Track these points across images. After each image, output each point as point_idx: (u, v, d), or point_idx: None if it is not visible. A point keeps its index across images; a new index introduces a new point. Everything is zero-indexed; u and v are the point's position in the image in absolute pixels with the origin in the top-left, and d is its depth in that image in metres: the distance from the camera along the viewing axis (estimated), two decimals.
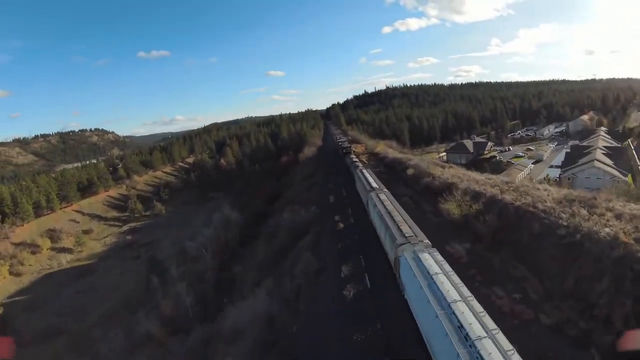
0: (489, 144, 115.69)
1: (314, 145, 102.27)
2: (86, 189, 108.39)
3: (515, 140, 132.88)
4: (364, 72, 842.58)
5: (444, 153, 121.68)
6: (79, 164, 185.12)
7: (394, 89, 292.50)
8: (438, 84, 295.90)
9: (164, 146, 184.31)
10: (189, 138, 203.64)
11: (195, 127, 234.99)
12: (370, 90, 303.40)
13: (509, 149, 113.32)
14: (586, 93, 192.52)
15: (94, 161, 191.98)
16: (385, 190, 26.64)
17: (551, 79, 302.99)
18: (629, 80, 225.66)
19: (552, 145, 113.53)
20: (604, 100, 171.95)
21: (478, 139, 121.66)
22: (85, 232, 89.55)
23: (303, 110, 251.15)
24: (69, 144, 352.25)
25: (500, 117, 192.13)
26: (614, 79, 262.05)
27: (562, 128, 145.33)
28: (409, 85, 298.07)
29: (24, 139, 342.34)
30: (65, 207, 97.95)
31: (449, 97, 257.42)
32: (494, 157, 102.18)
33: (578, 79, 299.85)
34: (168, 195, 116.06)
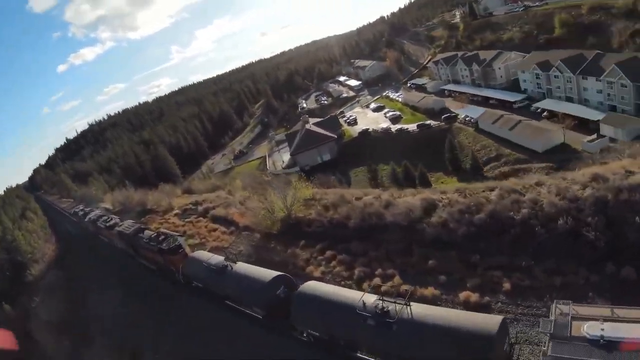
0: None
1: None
2: None
3: None
4: (53, 123, 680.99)
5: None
6: None
7: (99, 123, 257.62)
8: (142, 103, 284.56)
9: None
10: None
11: None
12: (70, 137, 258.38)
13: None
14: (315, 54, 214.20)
15: None
16: None
17: (249, 62, 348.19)
18: (314, 43, 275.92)
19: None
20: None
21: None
22: None
23: None
24: None
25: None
26: (301, 45, 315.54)
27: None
28: (112, 114, 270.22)
29: None
30: None
31: (168, 112, 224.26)
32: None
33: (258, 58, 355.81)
34: None
